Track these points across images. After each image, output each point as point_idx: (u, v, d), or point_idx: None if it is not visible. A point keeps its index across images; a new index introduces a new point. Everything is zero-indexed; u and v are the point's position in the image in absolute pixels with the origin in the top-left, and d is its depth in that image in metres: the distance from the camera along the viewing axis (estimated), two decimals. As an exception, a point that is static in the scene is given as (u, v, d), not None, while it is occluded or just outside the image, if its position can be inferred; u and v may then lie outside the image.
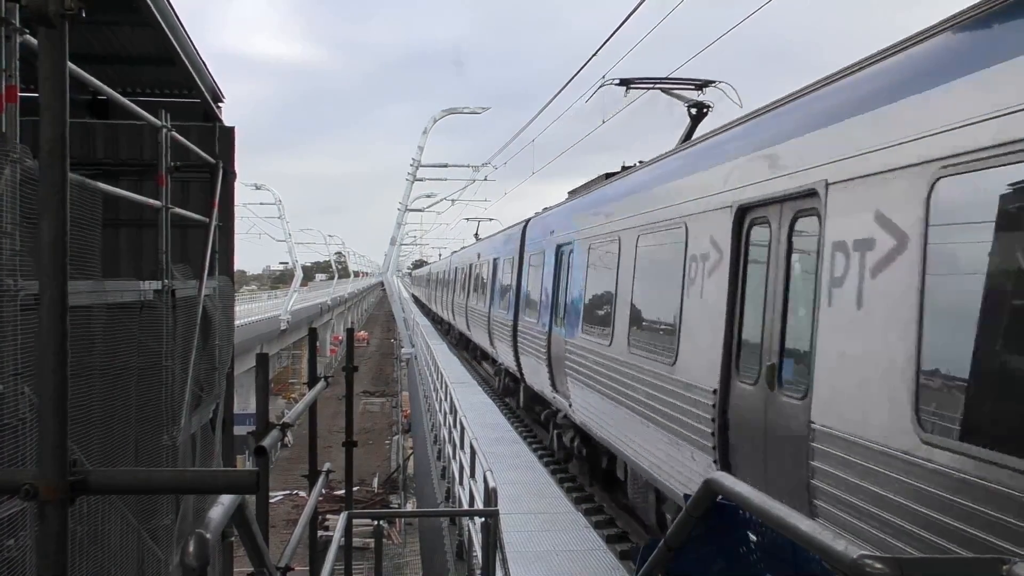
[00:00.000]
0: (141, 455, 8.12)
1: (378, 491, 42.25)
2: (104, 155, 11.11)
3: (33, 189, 5.17)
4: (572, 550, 10.53)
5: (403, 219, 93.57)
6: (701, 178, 8.79)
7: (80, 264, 6.39)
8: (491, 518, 8.02)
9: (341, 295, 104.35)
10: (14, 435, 5.16)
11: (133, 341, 8.13)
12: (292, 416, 7.03)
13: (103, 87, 7.25)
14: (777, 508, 3.06)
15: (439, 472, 17.55)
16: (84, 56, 10.75)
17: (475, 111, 78.96)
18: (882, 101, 5.66)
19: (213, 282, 10.62)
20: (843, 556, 2.51)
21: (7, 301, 5.07)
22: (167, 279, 8.80)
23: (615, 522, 13.27)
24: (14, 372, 5.14)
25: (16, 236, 5.12)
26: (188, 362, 9.23)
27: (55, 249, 2.89)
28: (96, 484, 3.15)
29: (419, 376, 32.17)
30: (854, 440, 5.42)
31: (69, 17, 2.83)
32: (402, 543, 34.24)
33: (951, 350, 4.72)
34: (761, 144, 7.58)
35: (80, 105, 11.53)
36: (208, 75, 11.75)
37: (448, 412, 16.80)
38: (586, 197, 15.06)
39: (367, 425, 55.71)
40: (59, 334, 2.95)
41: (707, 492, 3.64)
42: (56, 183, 2.87)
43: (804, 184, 6.44)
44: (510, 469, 14.78)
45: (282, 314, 62.78)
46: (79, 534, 6.39)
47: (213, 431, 10.99)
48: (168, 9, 9.63)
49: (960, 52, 5.09)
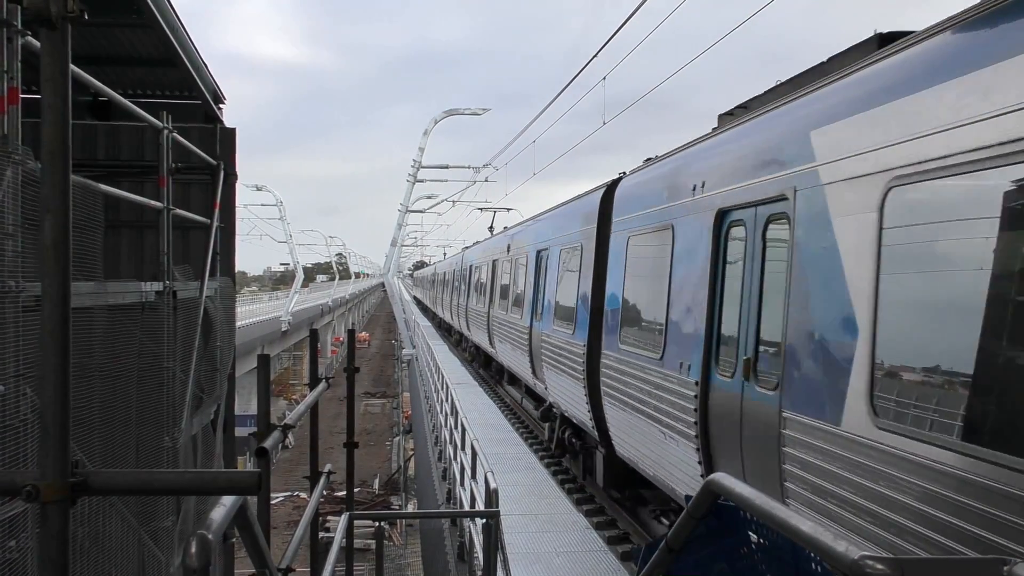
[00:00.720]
0: (142, 456, 8.13)
1: (379, 492, 42.29)
2: (105, 156, 11.13)
3: (35, 191, 5.19)
4: (574, 551, 10.54)
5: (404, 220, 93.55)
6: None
7: (82, 265, 6.40)
8: (492, 519, 8.02)
9: (342, 296, 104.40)
10: (15, 436, 5.16)
11: (134, 342, 8.14)
12: (293, 417, 7.04)
13: (104, 88, 7.26)
14: (778, 509, 3.06)
15: (440, 473, 17.55)
16: (85, 57, 10.77)
17: (476, 112, 78.91)
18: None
19: (214, 283, 10.63)
20: (843, 557, 2.51)
21: (9, 302, 5.08)
22: (168, 280, 8.81)
23: (616, 523, 13.27)
24: (16, 373, 5.15)
25: (18, 238, 5.13)
26: (189, 363, 9.25)
27: (58, 250, 2.89)
28: (97, 485, 3.15)
29: (420, 377, 32.16)
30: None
31: (71, 19, 2.84)
32: (403, 544, 34.27)
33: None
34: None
35: (81, 106, 11.54)
36: (209, 76, 11.76)
37: (449, 413, 16.81)
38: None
39: (368, 426, 55.76)
40: (61, 336, 2.95)
41: (708, 493, 3.64)
42: (58, 185, 2.88)
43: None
44: (511, 470, 14.79)
45: (283, 315, 62.85)
46: (80, 536, 6.40)
47: (214, 432, 11.00)
48: (169, 10, 9.64)
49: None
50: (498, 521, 7.98)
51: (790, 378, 6.46)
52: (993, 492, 4.31)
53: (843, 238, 5.87)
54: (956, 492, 4.56)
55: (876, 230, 5.46)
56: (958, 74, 4.87)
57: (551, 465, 16.45)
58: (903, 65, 5.60)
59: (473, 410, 20.35)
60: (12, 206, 5.12)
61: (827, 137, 6.23)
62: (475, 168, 73.20)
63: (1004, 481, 4.24)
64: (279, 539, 19.50)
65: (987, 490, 4.36)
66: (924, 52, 5.39)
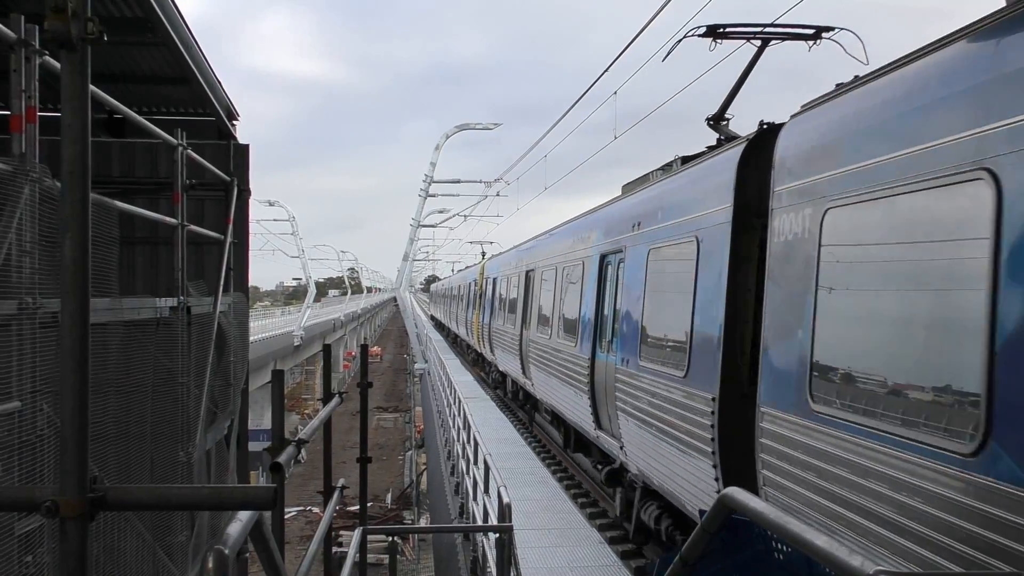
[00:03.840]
0: (157, 471, 8.16)
1: (392, 507, 42.22)
2: (120, 173, 11.22)
3: (52, 207, 5.24)
4: (587, 566, 10.51)
5: (416, 235, 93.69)
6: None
7: (98, 282, 6.45)
8: (505, 534, 8.02)
9: (354, 311, 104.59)
10: (32, 451, 5.20)
11: (149, 358, 8.19)
12: (307, 432, 7.05)
13: (120, 106, 7.34)
14: (792, 523, 3.06)
15: (453, 487, 17.53)
16: (100, 75, 10.87)
17: (487, 127, 79.11)
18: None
19: (228, 299, 10.69)
20: (859, 572, 2.51)
21: (26, 319, 5.12)
22: (183, 296, 8.87)
23: (630, 538, 13.22)
24: (32, 389, 5.19)
25: (35, 255, 5.18)
26: (203, 378, 9.29)
27: (77, 268, 2.93)
28: (115, 501, 3.17)
29: (432, 391, 32.17)
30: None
31: (91, 40, 2.88)
32: (416, 559, 34.19)
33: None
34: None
35: (96, 124, 11.65)
36: (223, 93, 11.86)
37: (462, 427, 16.80)
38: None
39: (380, 440, 55.70)
40: (80, 352, 2.98)
41: (722, 508, 3.65)
42: (78, 204, 2.91)
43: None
44: (524, 485, 14.76)
45: (296, 330, 62.93)
46: (95, 551, 6.43)
47: (228, 447, 11.04)
48: (183, 29, 9.73)
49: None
50: (511, 536, 7.98)
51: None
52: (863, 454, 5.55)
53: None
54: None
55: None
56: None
57: (564, 479, 16.41)
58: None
59: (485, 424, 20.33)
60: (29, 224, 5.17)
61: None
62: (486, 183, 73.38)
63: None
64: (292, 554, 19.52)
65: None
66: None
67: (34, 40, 5.41)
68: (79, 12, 2.87)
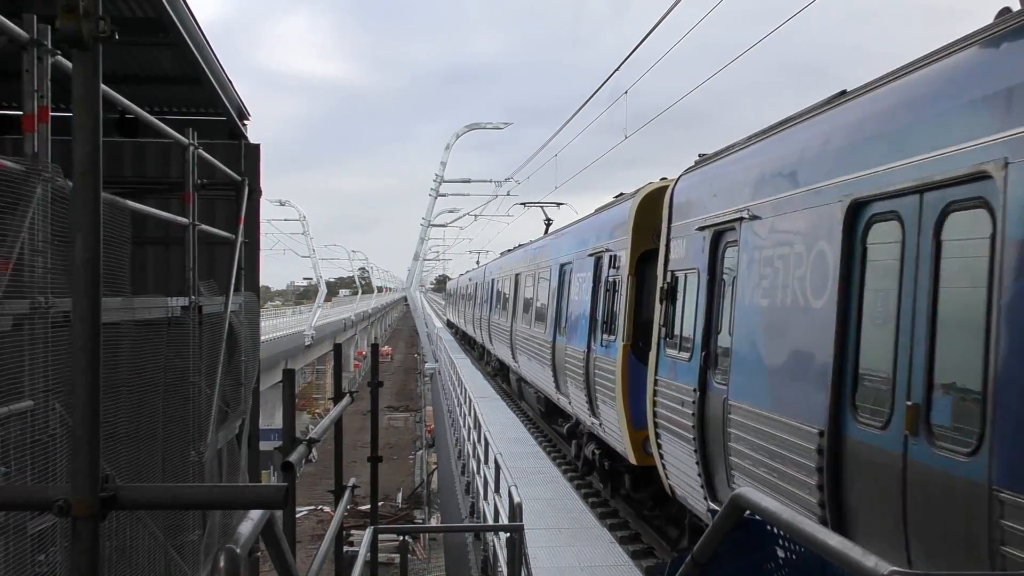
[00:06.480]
0: (168, 470, 8.17)
1: (402, 506, 42.24)
2: (132, 173, 11.25)
3: (64, 207, 5.25)
4: (598, 565, 10.49)
5: (426, 234, 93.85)
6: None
7: (109, 281, 6.46)
8: (516, 533, 8.02)
9: (365, 310, 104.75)
10: (44, 451, 5.21)
11: (160, 357, 8.20)
12: (318, 432, 7.07)
13: (131, 106, 7.35)
14: (805, 523, 3.05)
15: (463, 487, 17.54)
16: (112, 75, 10.90)
17: (498, 126, 79.21)
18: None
19: (239, 298, 10.70)
20: (873, 572, 2.50)
21: (38, 318, 5.14)
22: (194, 295, 8.88)
23: (640, 537, 13.21)
24: (45, 388, 5.20)
25: (48, 254, 5.19)
26: (214, 377, 9.30)
27: (89, 267, 2.93)
28: (127, 500, 3.18)
29: (443, 391, 32.19)
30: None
31: (102, 39, 2.88)
32: (427, 559, 34.21)
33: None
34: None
35: (108, 124, 11.65)
36: (234, 93, 11.88)
37: (472, 427, 16.81)
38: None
39: (391, 440, 55.78)
40: (92, 351, 2.99)
41: (734, 508, 3.63)
42: (89, 204, 2.92)
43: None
44: (535, 484, 14.74)
45: (306, 329, 63.06)
46: (107, 550, 6.44)
47: (239, 446, 11.05)
48: (195, 29, 9.76)
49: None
50: (522, 535, 7.98)
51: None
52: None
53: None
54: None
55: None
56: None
57: (574, 479, 16.40)
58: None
59: (496, 424, 20.33)
60: (42, 223, 5.19)
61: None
62: (497, 182, 73.38)
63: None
64: (303, 553, 19.54)
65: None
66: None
67: (46, 40, 5.42)
68: (91, 11, 2.87)
